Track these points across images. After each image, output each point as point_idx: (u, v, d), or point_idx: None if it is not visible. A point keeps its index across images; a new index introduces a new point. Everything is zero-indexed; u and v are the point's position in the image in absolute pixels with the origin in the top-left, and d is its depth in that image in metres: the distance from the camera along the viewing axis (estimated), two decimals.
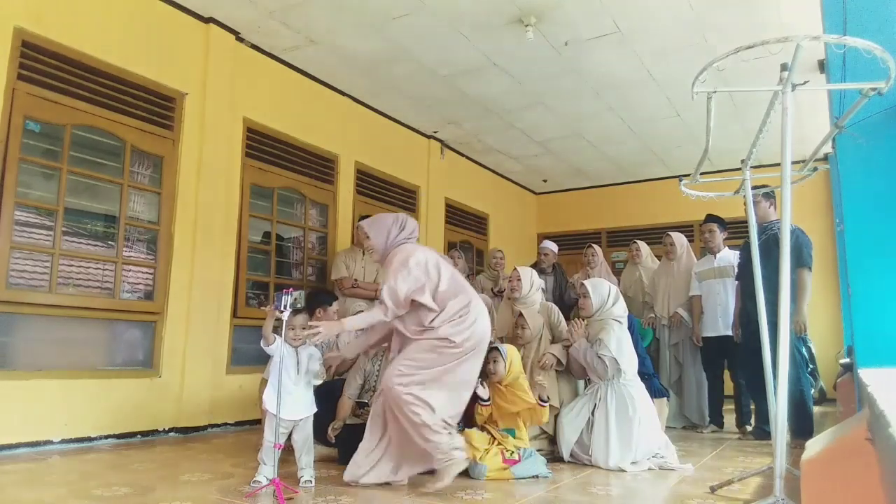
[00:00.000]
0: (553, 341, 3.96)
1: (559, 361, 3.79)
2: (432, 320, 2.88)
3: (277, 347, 2.86)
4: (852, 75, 2.84)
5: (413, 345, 2.90)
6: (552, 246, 6.28)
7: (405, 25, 5.03)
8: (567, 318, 4.17)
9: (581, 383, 4.01)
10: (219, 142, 5.04)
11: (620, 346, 3.63)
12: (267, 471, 2.81)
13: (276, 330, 2.85)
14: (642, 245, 5.94)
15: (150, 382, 4.46)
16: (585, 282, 3.95)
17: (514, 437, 3.35)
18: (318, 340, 2.87)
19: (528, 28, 4.85)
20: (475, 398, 3.30)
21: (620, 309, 3.83)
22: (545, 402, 3.33)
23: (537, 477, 3.12)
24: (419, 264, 2.93)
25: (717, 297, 5.08)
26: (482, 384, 3.26)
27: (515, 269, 4.24)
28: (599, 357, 3.58)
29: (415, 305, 2.91)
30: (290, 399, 2.85)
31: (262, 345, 2.90)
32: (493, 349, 3.51)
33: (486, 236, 9.00)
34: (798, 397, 4.33)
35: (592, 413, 3.57)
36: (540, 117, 7.00)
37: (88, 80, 4.26)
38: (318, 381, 3.04)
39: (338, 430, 3.48)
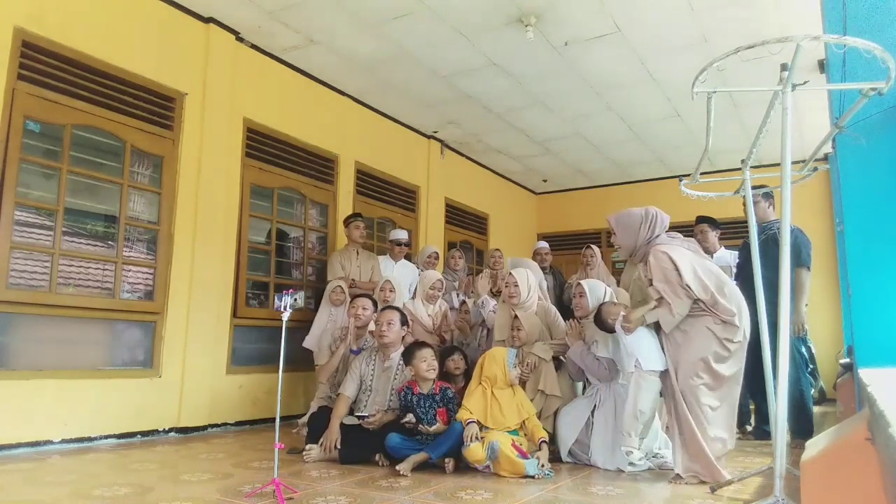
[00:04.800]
0: (551, 339, 3.96)
1: (543, 359, 3.80)
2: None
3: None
4: (852, 75, 2.84)
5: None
6: (547, 245, 6.41)
7: (405, 25, 5.03)
8: (566, 319, 4.16)
9: (580, 385, 4.01)
10: (219, 142, 5.04)
11: (617, 346, 3.61)
12: None
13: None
14: None
15: (150, 382, 4.46)
16: (582, 282, 3.92)
17: (518, 436, 3.35)
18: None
19: (528, 28, 4.85)
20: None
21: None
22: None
23: (534, 477, 3.11)
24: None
25: None
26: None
27: (511, 273, 4.18)
28: (597, 359, 3.57)
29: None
30: None
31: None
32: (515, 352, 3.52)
33: (486, 236, 9.00)
34: (798, 397, 4.33)
35: (592, 413, 3.56)
36: (540, 117, 7.00)
37: (88, 80, 4.26)
38: None
39: (334, 441, 3.53)
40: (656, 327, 3.25)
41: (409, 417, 3.45)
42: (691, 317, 3.11)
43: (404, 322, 3.94)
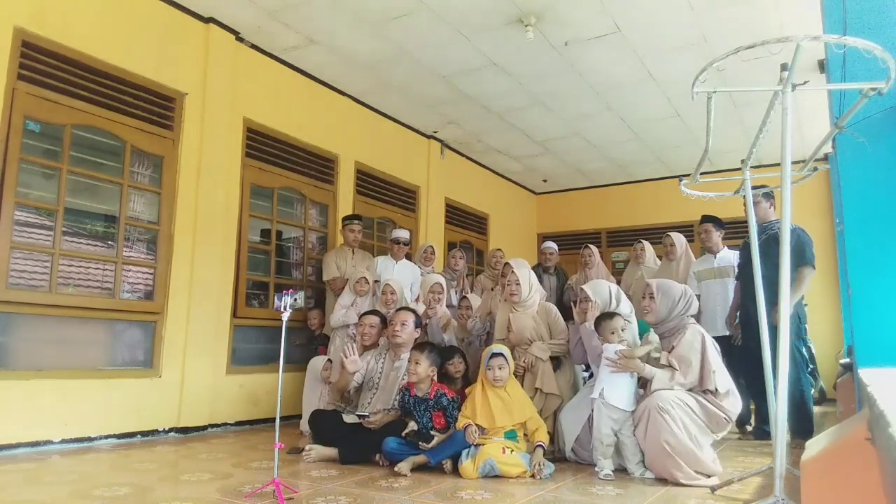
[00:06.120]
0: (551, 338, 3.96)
1: (540, 359, 3.79)
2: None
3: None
4: (852, 75, 2.84)
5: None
6: (555, 246, 6.36)
7: (405, 25, 5.03)
8: (566, 320, 4.15)
9: (580, 382, 4.00)
10: (219, 142, 5.04)
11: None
12: None
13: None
14: (647, 245, 5.94)
15: (150, 382, 4.46)
16: (584, 287, 3.88)
17: (515, 439, 3.34)
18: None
19: (528, 28, 4.85)
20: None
21: (626, 307, 3.76)
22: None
23: (531, 477, 3.11)
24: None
25: (716, 298, 5.07)
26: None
27: (514, 271, 4.14)
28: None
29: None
30: None
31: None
32: (497, 355, 3.48)
33: (486, 236, 9.00)
34: (798, 397, 4.33)
35: (592, 411, 3.55)
36: (540, 117, 7.00)
37: (88, 80, 4.26)
38: None
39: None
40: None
41: (412, 426, 3.44)
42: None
43: (418, 324, 3.94)
